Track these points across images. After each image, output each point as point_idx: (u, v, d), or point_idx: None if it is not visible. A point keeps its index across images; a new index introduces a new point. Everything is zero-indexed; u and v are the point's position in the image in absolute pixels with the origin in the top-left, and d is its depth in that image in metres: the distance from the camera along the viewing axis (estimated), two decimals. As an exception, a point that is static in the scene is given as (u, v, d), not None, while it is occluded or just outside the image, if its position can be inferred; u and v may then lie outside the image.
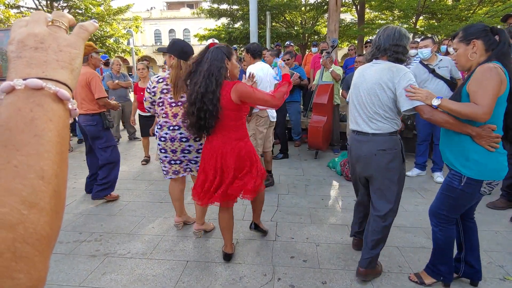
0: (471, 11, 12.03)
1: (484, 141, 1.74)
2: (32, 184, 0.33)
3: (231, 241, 2.43)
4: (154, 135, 2.98)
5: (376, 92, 1.96)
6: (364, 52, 6.23)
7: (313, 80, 5.63)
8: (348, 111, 2.22)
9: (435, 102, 1.76)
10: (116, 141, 3.67)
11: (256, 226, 2.74)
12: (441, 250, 2.02)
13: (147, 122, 4.66)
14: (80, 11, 16.61)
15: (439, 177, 4.04)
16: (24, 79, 0.37)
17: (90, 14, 16.81)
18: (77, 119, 3.54)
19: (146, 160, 5.02)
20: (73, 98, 0.42)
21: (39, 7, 15.94)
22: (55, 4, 16.19)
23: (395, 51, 1.94)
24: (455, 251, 2.10)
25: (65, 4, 16.25)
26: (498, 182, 1.82)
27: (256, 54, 3.60)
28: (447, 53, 4.75)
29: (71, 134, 6.16)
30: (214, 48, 2.11)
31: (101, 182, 3.48)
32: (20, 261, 0.30)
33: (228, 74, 2.16)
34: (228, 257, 2.40)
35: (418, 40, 4.48)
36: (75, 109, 0.42)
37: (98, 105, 3.39)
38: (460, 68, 1.93)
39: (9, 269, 0.29)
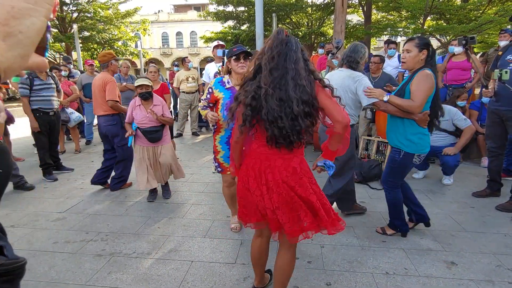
0: (480, 11, 11.87)
1: (423, 123, 2.39)
2: None
3: (261, 275, 2.00)
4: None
5: (340, 94, 2.42)
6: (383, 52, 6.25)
7: None
8: None
9: (385, 98, 2.41)
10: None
11: None
12: (393, 208, 2.65)
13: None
14: (89, 15, 16.87)
15: (446, 179, 4.00)
16: None
17: (98, 18, 17.07)
18: (97, 121, 3.95)
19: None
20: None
21: (50, 11, 16.25)
22: (65, 8, 16.49)
23: (348, 60, 2.63)
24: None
25: (74, 8, 16.53)
26: (425, 154, 2.50)
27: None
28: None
29: (79, 136, 6.26)
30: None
31: (118, 177, 3.91)
32: None
33: None
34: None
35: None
36: None
37: (109, 106, 3.73)
38: (405, 67, 2.46)
39: None
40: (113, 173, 3.99)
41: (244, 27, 15.85)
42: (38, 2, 0.29)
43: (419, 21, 12.31)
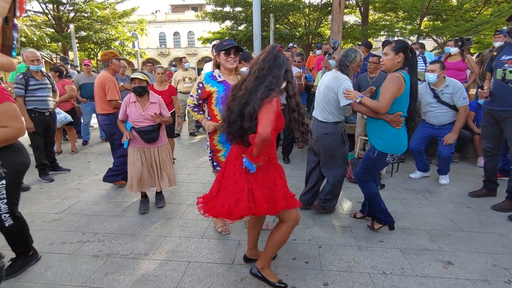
0: (477, 12, 11.95)
1: (394, 123, 2.49)
2: None
3: (251, 246, 2.35)
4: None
5: (325, 93, 2.85)
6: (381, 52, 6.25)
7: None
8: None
9: (357, 100, 2.59)
10: None
11: (260, 275, 2.13)
12: (371, 202, 2.77)
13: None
14: (85, 15, 16.78)
15: (443, 179, 4.02)
16: None
17: (95, 17, 16.98)
18: (97, 119, 4.02)
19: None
20: None
21: (46, 11, 16.15)
22: (61, 8, 16.39)
23: (340, 64, 2.85)
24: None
25: (71, 8, 16.43)
26: (399, 155, 2.62)
27: (249, 58, 3.57)
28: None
29: (76, 136, 6.23)
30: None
31: (115, 169, 3.89)
32: None
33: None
34: (245, 259, 2.39)
35: (422, 41, 4.51)
36: None
37: (112, 106, 3.78)
38: (383, 69, 2.59)
39: None
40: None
41: (241, 28, 15.84)
42: None
43: (415, 22, 12.37)
